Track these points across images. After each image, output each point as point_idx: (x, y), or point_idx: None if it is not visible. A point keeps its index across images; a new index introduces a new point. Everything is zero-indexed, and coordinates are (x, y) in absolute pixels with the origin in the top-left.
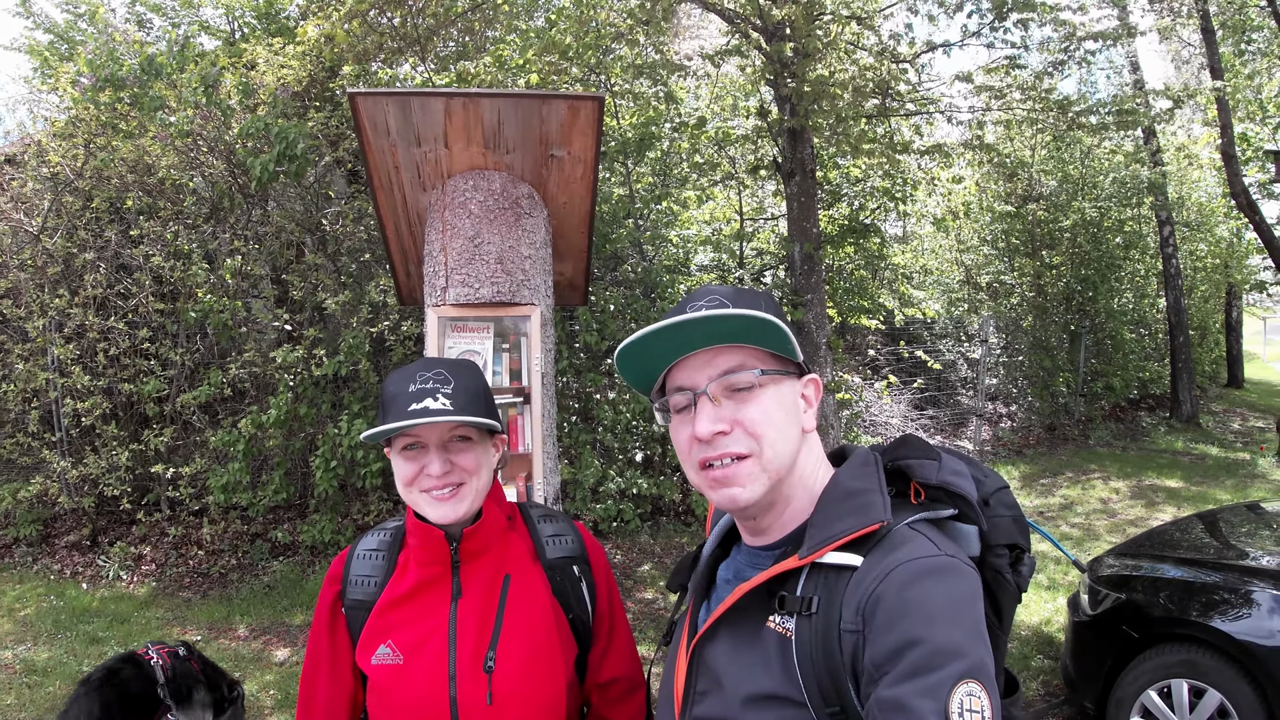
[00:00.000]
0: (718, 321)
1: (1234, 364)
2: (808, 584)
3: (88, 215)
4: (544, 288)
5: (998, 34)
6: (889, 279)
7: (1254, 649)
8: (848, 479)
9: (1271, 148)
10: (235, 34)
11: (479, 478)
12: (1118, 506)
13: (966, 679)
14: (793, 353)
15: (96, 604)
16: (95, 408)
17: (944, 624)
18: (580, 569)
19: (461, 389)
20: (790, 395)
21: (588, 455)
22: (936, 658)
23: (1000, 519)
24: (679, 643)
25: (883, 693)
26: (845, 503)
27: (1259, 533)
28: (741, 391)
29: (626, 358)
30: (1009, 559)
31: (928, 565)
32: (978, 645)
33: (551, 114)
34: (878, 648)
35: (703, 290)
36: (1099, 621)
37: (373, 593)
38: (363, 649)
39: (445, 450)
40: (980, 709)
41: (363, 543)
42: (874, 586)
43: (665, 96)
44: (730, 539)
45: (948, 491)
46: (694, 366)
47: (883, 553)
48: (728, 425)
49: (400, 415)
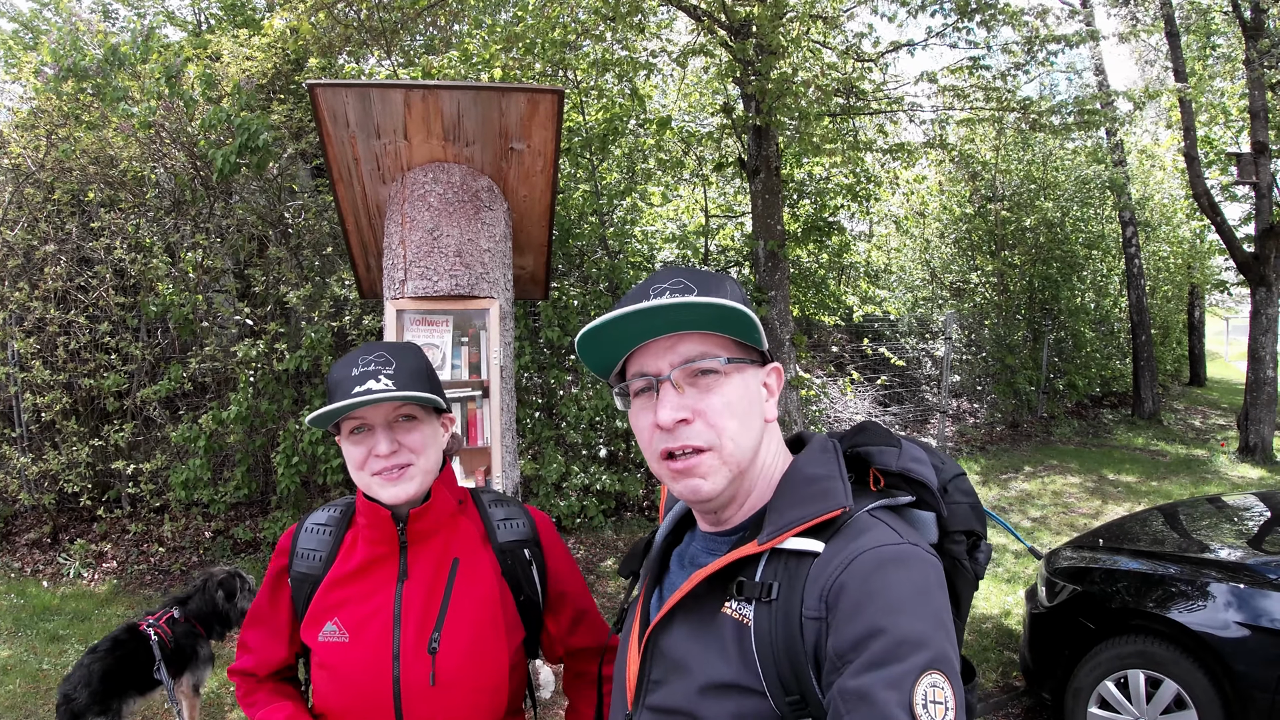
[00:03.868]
0: (683, 309)
1: (1196, 363)
2: (767, 570)
3: (49, 207)
4: (504, 281)
5: (961, 34)
6: (852, 277)
7: (1210, 640)
8: (807, 465)
9: (1233, 150)
10: (201, 25)
11: (425, 457)
12: (1074, 500)
13: (930, 670)
14: (758, 341)
15: (57, 602)
16: (55, 403)
17: (908, 614)
18: (531, 551)
19: (404, 369)
20: (754, 384)
21: (551, 451)
22: (900, 648)
23: (958, 506)
24: (631, 630)
25: (846, 683)
26: (805, 488)
27: (1218, 526)
28: (704, 379)
29: (588, 342)
30: (966, 546)
31: (891, 553)
32: (941, 635)
33: (511, 107)
34: (841, 636)
35: (665, 272)
36: (1056, 613)
37: (317, 567)
38: (309, 625)
39: (391, 430)
40: (944, 700)
41: (312, 517)
42: (837, 574)
43: (631, 93)
44: (684, 524)
45: (907, 478)
46: (656, 352)
47: (845, 540)
48: (689, 414)
49: (344, 398)
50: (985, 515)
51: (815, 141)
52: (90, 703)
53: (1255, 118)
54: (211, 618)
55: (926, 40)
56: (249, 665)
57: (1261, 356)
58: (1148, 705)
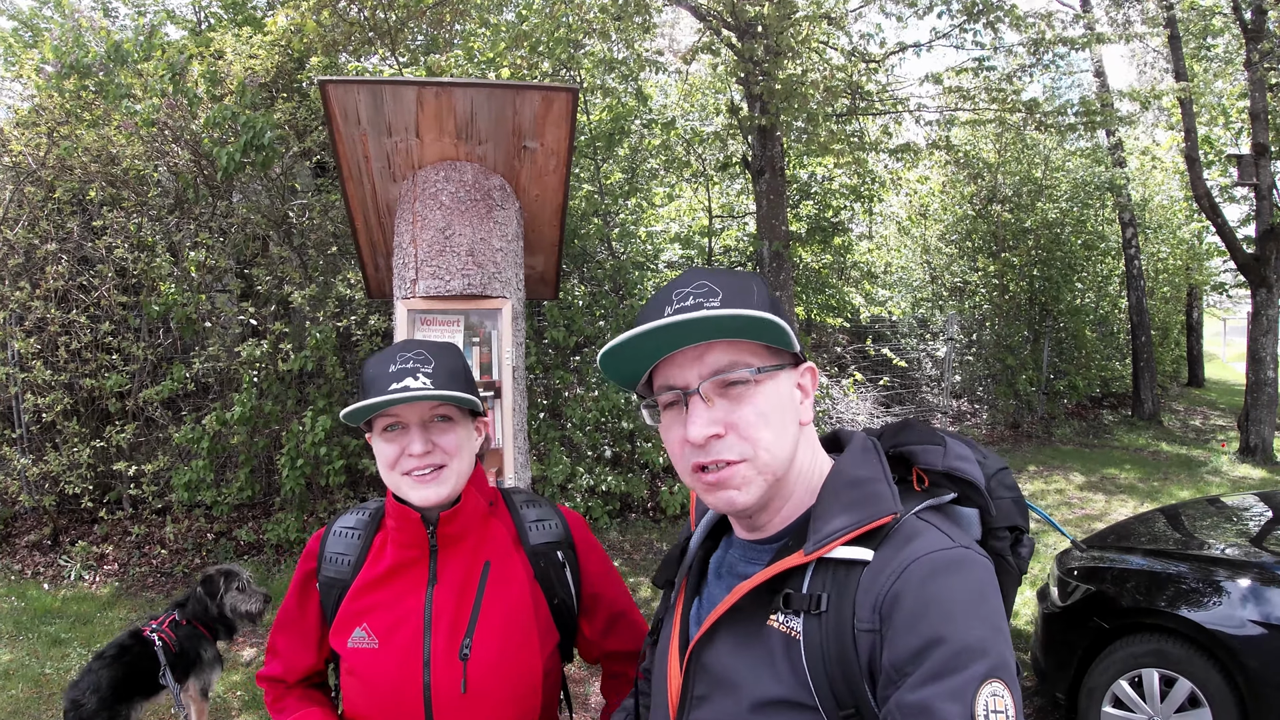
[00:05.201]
0: (708, 322)
1: (1195, 364)
2: (814, 580)
3: (50, 206)
4: (515, 281)
5: (967, 36)
6: (855, 278)
7: (1224, 638)
8: (850, 467)
9: (1233, 152)
10: (202, 24)
11: (460, 459)
12: (1077, 501)
13: (990, 679)
14: (789, 344)
15: (59, 605)
16: (56, 403)
17: (965, 621)
18: (565, 554)
19: (443, 369)
20: (787, 388)
21: (556, 452)
22: (960, 658)
23: (1002, 501)
24: (669, 641)
25: (906, 696)
26: (850, 493)
27: (1227, 525)
28: (735, 389)
29: (610, 358)
30: (1010, 541)
31: (945, 559)
32: (999, 641)
33: (525, 105)
34: (898, 648)
35: (690, 275)
36: (1069, 612)
37: (346, 571)
38: (338, 630)
39: (426, 430)
40: (1005, 709)
41: (341, 520)
42: (890, 583)
43: (636, 93)
44: (719, 529)
45: (952, 477)
46: (683, 363)
47: (895, 546)
48: (721, 428)
49: (381, 394)
50: (1028, 509)
51: (822, 142)
52: (99, 708)
53: (1256, 120)
54: (211, 619)
55: (932, 42)
56: (277, 671)
57: (1262, 357)
58: (1162, 704)
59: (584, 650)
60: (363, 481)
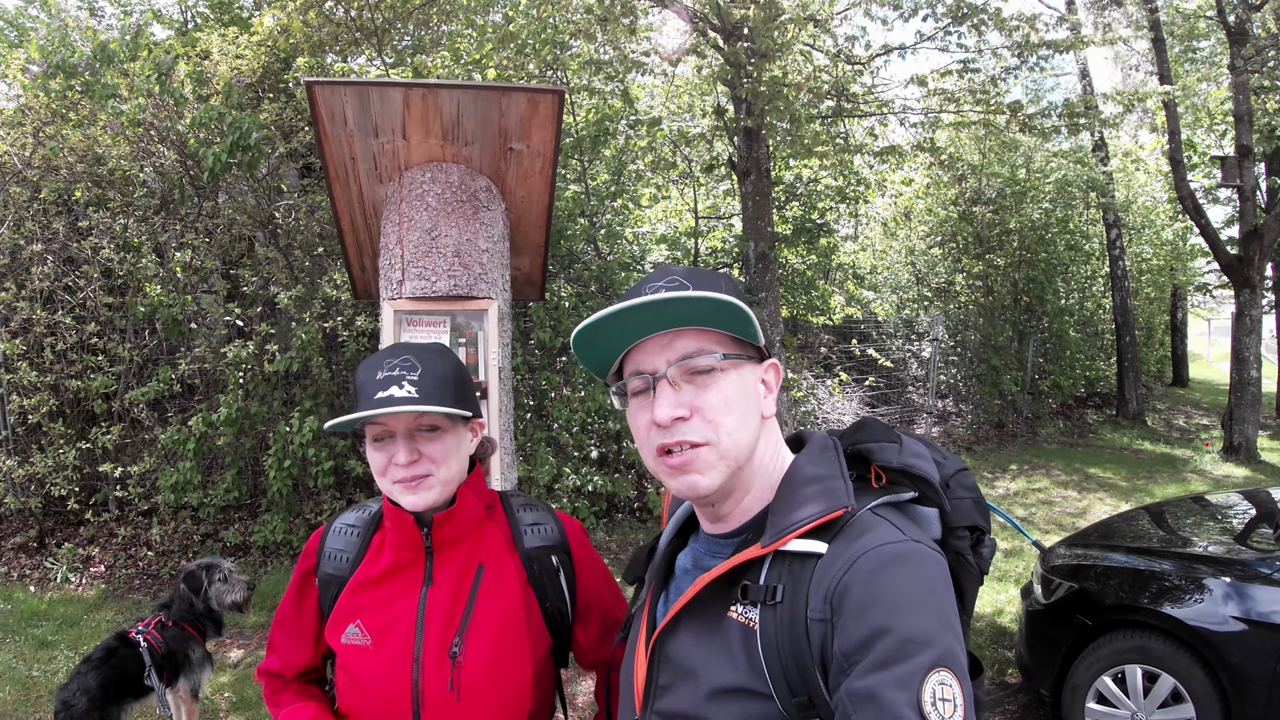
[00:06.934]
0: (679, 304)
1: (1179, 363)
2: (771, 572)
3: (35, 206)
4: (501, 282)
5: (951, 38)
6: (839, 279)
7: (1206, 634)
8: (808, 464)
9: (1217, 153)
10: (188, 24)
11: (446, 467)
12: (1060, 500)
13: (938, 668)
14: (754, 336)
15: (45, 607)
16: (42, 405)
17: (913, 612)
18: (560, 558)
19: (429, 375)
20: (751, 380)
21: (542, 452)
22: (907, 647)
23: (960, 501)
24: (637, 635)
25: (854, 684)
26: (807, 488)
27: (1210, 523)
28: (701, 376)
29: (583, 340)
30: (970, 541)
31: (895, 551)
32: (947, 633)
33: (511, 106)
34: (847, 637)
35: (661, 271)
36: (1053, 610)
37: (344, 568)
38: (333, 626)
39: (412, 439)
40: (952, 697)
41: (342, 517)
42: (841, 574)
43: (622, 94)
44: (688, 528)
45: (909, 475)
46: (652, 350)
47: (848, 539)
48: (687, 410)
49: (366, 405)
50: (989, 510)
51: (807, 144)
52: (89, 709)
53: (1239, 122)
54: (197, 615)
55: (917, 44)
56: (275, 666)
57: (1245, 357)
58: (1145, 700)
59: (579, 657)
60: (350, 482)
